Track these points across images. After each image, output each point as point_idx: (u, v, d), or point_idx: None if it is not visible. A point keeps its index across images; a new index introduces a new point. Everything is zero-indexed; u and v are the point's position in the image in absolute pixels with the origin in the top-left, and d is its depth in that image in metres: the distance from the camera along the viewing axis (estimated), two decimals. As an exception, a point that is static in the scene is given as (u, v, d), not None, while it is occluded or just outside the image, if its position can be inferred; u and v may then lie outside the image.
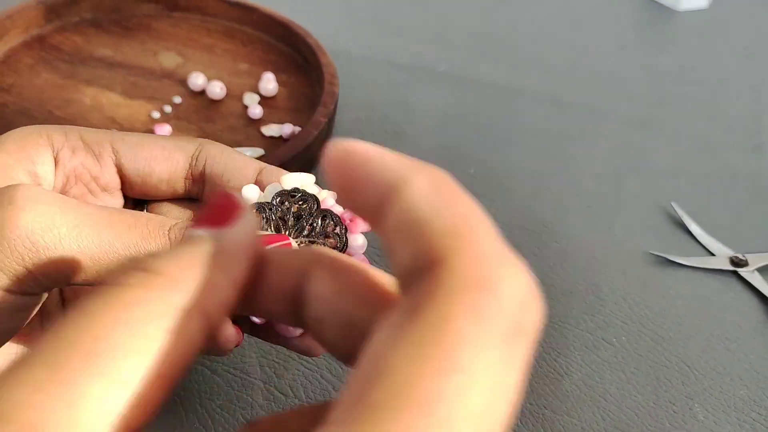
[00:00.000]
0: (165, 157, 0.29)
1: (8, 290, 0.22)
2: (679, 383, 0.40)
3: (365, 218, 0.16)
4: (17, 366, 0.14)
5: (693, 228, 0.50)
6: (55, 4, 0.59)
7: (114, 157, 0.29)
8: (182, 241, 0.23)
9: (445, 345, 0.12)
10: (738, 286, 0.47)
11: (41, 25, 0.58)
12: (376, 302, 0.17)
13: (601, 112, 0.64)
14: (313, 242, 0.27)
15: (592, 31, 0.79)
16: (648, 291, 0.45)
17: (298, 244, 0.27)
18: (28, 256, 0.22)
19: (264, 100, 0.56)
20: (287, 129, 0.52)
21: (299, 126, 0.53)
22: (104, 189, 0.30)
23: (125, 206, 0.32)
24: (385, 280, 0.18)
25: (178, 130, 0.51)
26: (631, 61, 0.74)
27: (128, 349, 0.14)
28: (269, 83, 0.56)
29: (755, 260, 0.48)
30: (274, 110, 0.55)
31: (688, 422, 0.38)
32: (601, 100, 0.65)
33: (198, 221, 0.18)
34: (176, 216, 0.31)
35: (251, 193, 0.28)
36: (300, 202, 0.28)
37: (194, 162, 0.30)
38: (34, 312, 0.25)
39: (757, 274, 0.47)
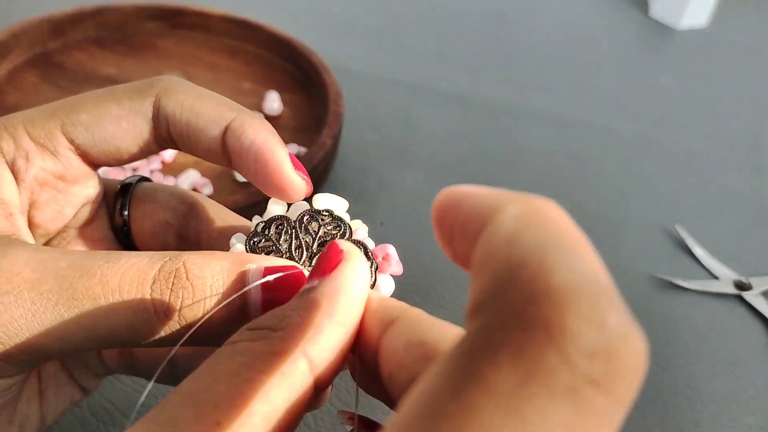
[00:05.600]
0: (125, 130, 0.25)
1: None
2: (686, 409, 0.40)
3: (468, 268, 0.15)
4: (144, 419, 0.16)
5: (697, 251, 0.50)
6: (59, 21, 0.59)
7: (72, 147, 0.25)
8: (296, 295, 0.20)
9: (479, 395, 0.11)
10: (742, 310, 0.47)
11: (45, 43, 0.58)
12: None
13: (602, 131, 0.64)
14: None
15: (592, 50, 0.80)
16: (653, 315, 0.46)
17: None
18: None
19: (268, 120, 0.56)
20: (292, 150, 0.52)
21: (304, 146, 0.53)
22: (74, 182, 0.26)
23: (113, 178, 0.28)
24: (452, 338, 0.18)
25: (183, 151, 0.51)
26: (631, 80, 0.74)
27: (238, 402, 0.16)
28: (274, 102, 0.56)
29: (759, 284, 0.48)
30: (278, 130, 0.54)
31: (695, 449, 0.38)
32: (602, 118, 0.66)
33: (311, 274, 0.20)
34: (173, 196, 0.28)
35: (273, 210, 0.24)
36: (330, 227, 0.24)
37: (156, 124, 0.25)
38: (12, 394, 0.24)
39: (761, 297, 0.47)
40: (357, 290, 0.19)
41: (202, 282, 0.21)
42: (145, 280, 0.20)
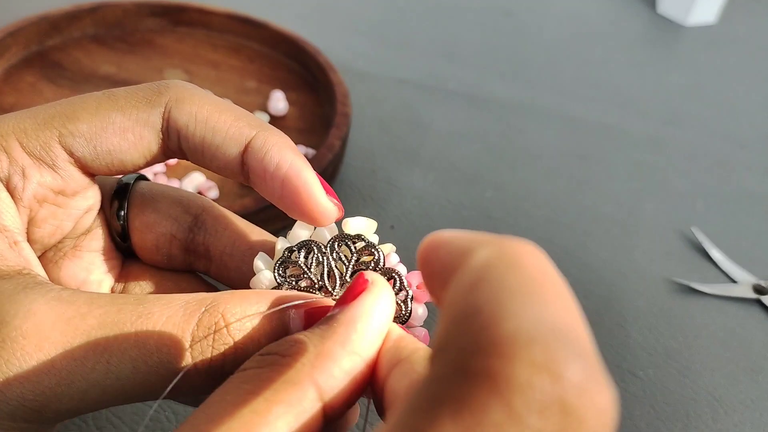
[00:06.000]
0: (131, 143, 0.23)
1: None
2: (709, 419, 0.39)
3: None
4: None
5: (714, 254, 0.49)
6: (56, 19, 0.57)
7: (71, 159, 0.23)
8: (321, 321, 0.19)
9: None
10: (761, 315, 0.46)
11: (42, 41, 0.57)
12: None
13: (614, 131, 0.63)
14: None
15: (599, 47, 0.79)
16: (672, 321, 0.44)
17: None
18: (22, 415, 0.19)
19: (274, 120, 0.54)
20: (300, 151, 0.50)
21: (311, 147, 0.51)
22: (74, 195, 0.24)
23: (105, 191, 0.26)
24: None
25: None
26: (641, 78, 0.73)
27: (233, 429, 0.15)
28: (279, 102, 0.55)
29: (779, 288, 0.47)
30: (284, 131, 0.52)
31: (720, 460, 0.37)
32: (614, 118, 0.65)
33: (336, 303, 0.19)
34: (176, 204, 0.26)
35: (300, 234, 0.23)
36: (362, 253, 0.22)
37: (166, 137, 0.23)
38: None
39: (780, 302, 0.46)
40: (375, 320, 0.18)
41: (244, 335, 0.20)
42: (183, 338, 0.19)
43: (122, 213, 0.26)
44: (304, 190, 0.22)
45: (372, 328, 0.18)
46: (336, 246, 0.23)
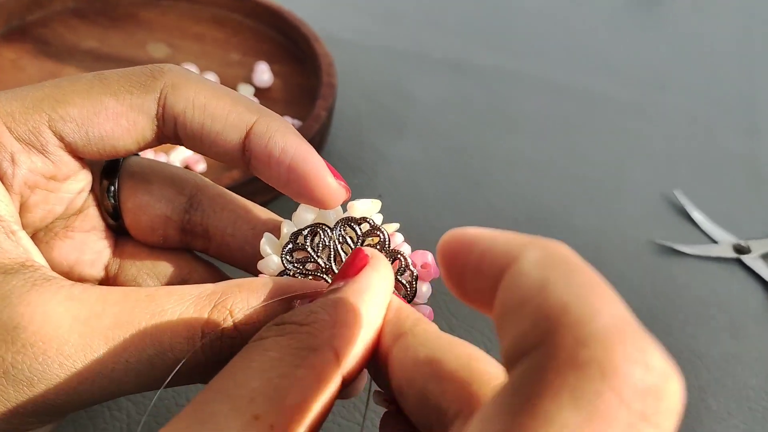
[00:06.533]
0: (125, 129, 0.23)
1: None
2: (691, 375, 0.40)
3: (482, 309, 0.16)
4: (180, 416, 0.16)
5: (695, 215, 0.50)
6: (35, -7, 0.56)
7: (62, 144, 0.23)
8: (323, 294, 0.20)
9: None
10: (742, 274, 0.47)
11: (23, 16, 0.56)
12: (449, 379, 0.18)
13: (598, 97, 0.63)
14: None
15: (583, 12, 0.78)
16: (655, 281, 0.46)
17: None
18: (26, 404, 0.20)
19: (259, 92, 0.54)
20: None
21: (297, 119, 0.51)
22: (65, 179, 0.24)
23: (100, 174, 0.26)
24: (458, 356, 0.18)
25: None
26: (623, 43, 0.73)
27: (273, 396, 0.16)
28: (264, 74, 0.54)
29: (758, 247, 0.48)
30: (269, 102, 0.53)
31: (701, 413, 0.38)
32: (598, 84, 0.65)
33: (336, 277, 0.21)
34: (168, 184, 0.26)
35: (305, 217, 0.23)
36: (368, 236, 0.23)
37: (161, 123, 0.23)
38: None
39: (760, 260, 0.48)
40: (380, 292, 0.20)
41: (253, 328, 0.21)
42: (195, 334, 0.20)
43: (113, 189, 0.26)
44: (313, 175, 0.22)
45: (378, 299, 0.20)
46: (342, 229, 0.23)
